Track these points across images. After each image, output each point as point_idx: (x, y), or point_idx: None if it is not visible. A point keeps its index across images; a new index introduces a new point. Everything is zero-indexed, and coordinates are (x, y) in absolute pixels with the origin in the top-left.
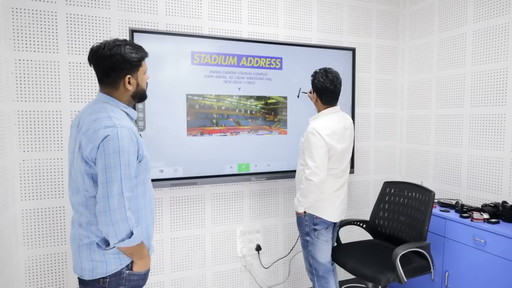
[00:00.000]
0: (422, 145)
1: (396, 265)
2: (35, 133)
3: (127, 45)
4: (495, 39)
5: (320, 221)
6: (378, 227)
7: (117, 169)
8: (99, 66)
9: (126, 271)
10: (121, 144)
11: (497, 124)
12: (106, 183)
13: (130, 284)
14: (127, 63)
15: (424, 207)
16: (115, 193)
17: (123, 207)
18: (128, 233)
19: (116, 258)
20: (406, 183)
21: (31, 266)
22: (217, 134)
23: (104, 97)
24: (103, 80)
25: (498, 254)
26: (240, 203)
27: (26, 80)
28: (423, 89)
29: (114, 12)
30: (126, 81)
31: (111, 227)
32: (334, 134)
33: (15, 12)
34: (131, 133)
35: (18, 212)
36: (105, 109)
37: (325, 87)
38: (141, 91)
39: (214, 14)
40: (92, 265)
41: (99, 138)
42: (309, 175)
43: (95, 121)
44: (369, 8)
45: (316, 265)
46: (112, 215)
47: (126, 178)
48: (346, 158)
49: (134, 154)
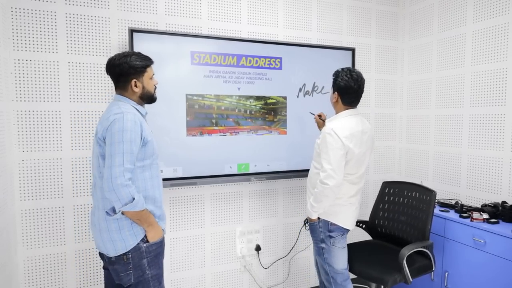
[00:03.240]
0: (422, 145)
1: (403, 266)
2: (34, 133)
3: (133, 55)
4: (494, 39)
5: (335, 228)
6: (378, 227)
7: (120, 144)
8: (111, 73)
9: (144, 245)
10: (125, 124)
11: (497, 124)
12: (110, 155)
13: (151, 255)
14: (132, 69)
15: (425, 206)
16: (117, 163)
17: (123, 176)
18: (129, 198)
19: (132, 235)
20: (405, 182)
21: (30, 267)
22: (216, 134)
23: (118, 97)
24: (116, 84)
25: (497, 254)
26: (240, 203)
27: (25, 80)
28: (422, 89)
29: (113, 12)
30: (133, 85)
31: (113, 192)
32: (352, 137)
33: (14, 12)
34: (135, 117)
35: (17, 212)
36: (117, 105)
37: (348, 85)
38: (147, 93)
39: (213, 14)
40: (113, 244)
41: (109, 121)
42: (324, 178)
43: (108, 112)
44: (368, 8)
45: (333, 273)
46: (114, 182)
47: (127, 152)
48: (364, 164)
49: (137, 135)
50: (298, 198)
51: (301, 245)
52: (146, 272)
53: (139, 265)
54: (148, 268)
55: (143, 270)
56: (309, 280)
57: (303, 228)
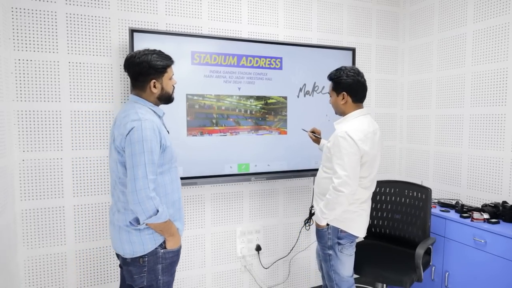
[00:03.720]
0: (422, 145)
1: (419, 265)
2: (35, 133)
3: (154, 54)
4: (495, 39)
5: (345, 235)
6: (373, 227)
7: (141, 155)
8: (130, 71)
9: (161, 250)
10: (144, 134)
11: (497, 124)
12: (132, 167)
13: (166, 262)
14: (152, 69)
15: (422, 203)
16: (140, 175)
17: (148, 188)
18: (154, 211)
19: (151, 239)
20: (397, 181)
21: (30, 266)
22: (217, 134)
23: (134, 98)
24: (134, 83)
25: (498, 254)
26: (240, 203)
27: (25, 80)
28: (423, 89)
29: (114, 12)
30: (152, 85)
31: (138, 205)
32: (366, 139)
33: (15, 12)
34: (153, 125)
35: (18, 212)
36: (134, 107)
37: (356, 80)
38: (165, 94)
39: (214, 14)
40: (131, 245)
41: (126, 129)
42: (339, 186)
43: (125, 117)
44: (369, 8)
45: (339, 281)
46: (139, 195)
47: (149, 163)
48: (376, 166)
49: (157, 143)
50: (298, 198)
51: (302, 245)
52: (159, 278)
53: (154, 270)
54: (161, 274)
55: (156, 275)
56: (309, 280)
57: (303, 228)
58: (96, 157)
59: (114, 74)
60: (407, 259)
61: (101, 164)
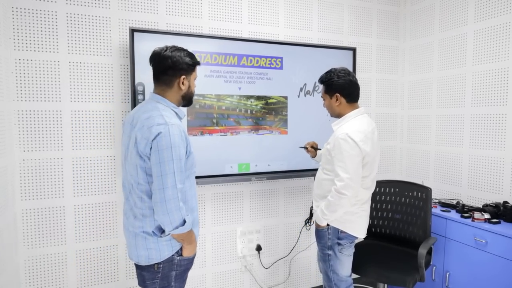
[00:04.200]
0: (423, 145)
1: (422, 265)
2: (35, 133)
3: (185, 51)
4: (496, 38)
5: (345, 236)
6: (373, 227)
7: (170, 163)
8: (160, 64)
9: (177, 257)
10: (172, 140)
11: (498, 124)
12: (161, 176)
13: (180, 269)
14: (184, 65)
15: (423, 203)
16: (169, 185)
17: (177, 197)
18: (181, 221)
19: (168, 245)
20: (397, 181)
21: (31, 266)
22: (217, 134)
23: (156, 97)
24: (160, 78)
25: (499, 254)
26: (241, 203)
27: (26, 79)
28: (423, 89)
29: (114, 12)
30: (181, 81)
31: (166, 216)
32: (367, 139)
33: (15, 12)
34: (180, 130)
35: (18, 212)
36: (157, 108)
37: (348, 80)
38: (190, 94)
39: (214, 13)
40: (147, 252)
41: (152, 134)
42: (341, 188)
43: (148, 119)
44: (369, 8)
45: (337, 281)
46: (168, 205)
47: (178, 171)
48: (376, 165)
49: (184, 149)
50: (299, 198)
51: (302, 245)
52: (171, 284)
53: (167, 276)
54: (174, 280)
55: (169, 282)
56: (309, 280)
57: (303, 228)
58: (97, 157)
59: (115, 74)
60: (409, 259)
61: (102, 164)
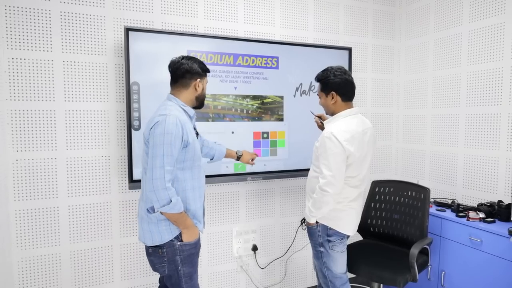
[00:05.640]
0: (418, 144)
1: (414, 265)
2: (29, 133)
3: (198, 60)
4: (490, 38)
5: (334, 232)
6: (371, 227)
7: (160, 147)
8: (179, 69)
9: (178, 243)
10: (166, 127)
11: (493, 123)
12: (152, 157)
13: (184, 254)
14: (200, 69)
15: (420, 203)
16: (158, 165)
17: (163, 177)
18: (167, 200)
19: (168, 230)
20: (396, 181)
21: (24, 268)
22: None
23: (169, 97)
24: (178, 81)
25: (494, 253)
26: (236, 203)
27: (19, 79)
28: (419, 88)
29: (109, 10)
30: (197, 83)
31: (153, 193)
32: (353, 139)
33: (8, 10)
34: (177, 120)
35: (12, 213)
36: (165, 104)
37: (344, 79)
38: (203, 96)
39: (210, 12)
40: (150, 234)
41: (152, 122)
42: (324, 185)
43: (155, 112)
44: (365, 8)
45: (332, 277)
46: (154, 183)
47: (167, 155)
48: (365, 166)
49: (178, 137)
50: (295, 198)
51: (298, 245)
52: (179, 268)
53: (173, 260)
54: (181, 265)
55: (176, 266)
56: (305, 280)
57: (300, 228)
58: (91, 157)
59: (109, 73)
60: (404, 259)
61: (96, 164)
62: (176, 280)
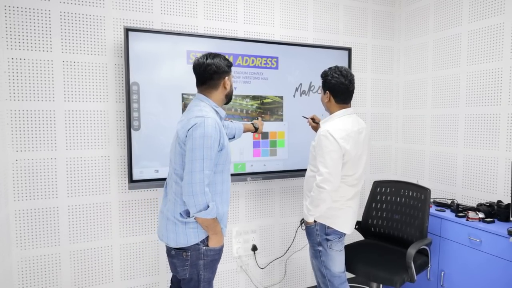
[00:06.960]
0: (418, 144)
1: (410, 265)
2: (29, 133)
3: (221, 56)
4: (490, 39)
5: (332, 231)
6: (372, 227)
7: (201, 150)
8: (206, 71)
9: (203, 247)
10: (206, 130)
11: (492, 123)
12: (191, 160)
13: (208, 259)
14: (225, 67)
15: (421, 204)
16: (198, 169)
17: (203, 182)
18: (205, 205)
19: (195, 233)
20: (397, 181)
21: (24, 268)
22: None
23: (200, 97)
24: (206, 82)
25: (493, 253)
26: (236, 203)
27: (19, 79)
28: (418, 89)
29: (108, 11)
30: (226, 82)
31: (191, 197)
32: (349, 138)
33: (8, 10)
34: (215, 122)
35: (11, 213)
36: (199, 105)
37: (339, 82)
38: (231, 92)
39: (209, 13)
40: (175, 235)
41: (189, 124)
42: (320, 182)
43: (189, 112)
44: (365, 8)
45: (330, 276)
46: (193, 187)
47: (207, 158)
48: (361, 165)
49: (216, 141)
50: (294, 198)
51: (298, 245)
52: (200, 273)
53: (196, 264)
54: (203, 269)
55: (198, 270)
56: (305, 280)
57: (299, 228)
58: (91, 157)
59: (109, 73)
60: (402, 260)
61: (96, 164)
62: (195, 284)
